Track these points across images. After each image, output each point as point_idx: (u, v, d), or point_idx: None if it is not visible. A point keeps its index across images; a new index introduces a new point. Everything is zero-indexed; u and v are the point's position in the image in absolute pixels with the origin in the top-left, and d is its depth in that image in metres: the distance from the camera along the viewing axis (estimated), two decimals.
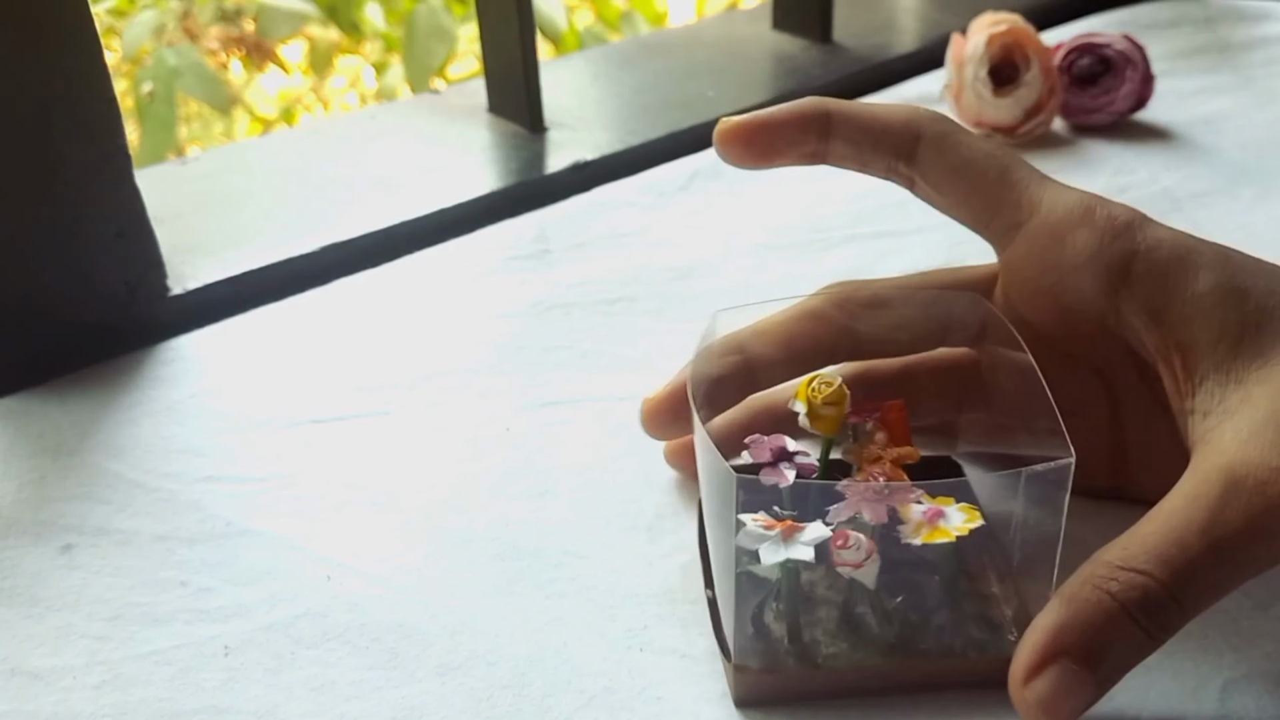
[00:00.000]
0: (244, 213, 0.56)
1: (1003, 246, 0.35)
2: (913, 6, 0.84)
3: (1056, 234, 0.33)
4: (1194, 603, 0.28)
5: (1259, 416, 0.28)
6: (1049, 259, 0.34)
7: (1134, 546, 0.28)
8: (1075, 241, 0.33)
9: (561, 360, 0.46)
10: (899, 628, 0.32)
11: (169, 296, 0.49)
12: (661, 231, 0.56)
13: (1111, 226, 0.33)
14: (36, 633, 0.34)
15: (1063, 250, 0.33)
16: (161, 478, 0.40)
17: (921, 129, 0.35)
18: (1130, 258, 0.32)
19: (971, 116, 0.63)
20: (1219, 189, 0.59)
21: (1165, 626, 0.27)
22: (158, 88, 1.09)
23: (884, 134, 0.35)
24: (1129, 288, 0.32)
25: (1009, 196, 0.34)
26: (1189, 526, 0.27)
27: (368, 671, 0.32)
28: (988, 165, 0.35)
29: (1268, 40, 0.78)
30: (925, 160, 0.35)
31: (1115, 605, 0.27)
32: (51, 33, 0.42)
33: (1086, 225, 0.33)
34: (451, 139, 0.64)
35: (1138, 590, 0.27)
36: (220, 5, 1.30)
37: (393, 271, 0.52)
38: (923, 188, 0.36)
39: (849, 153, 0.36)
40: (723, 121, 0.35)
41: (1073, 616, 0.27)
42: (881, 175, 0.36)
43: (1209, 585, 0.28)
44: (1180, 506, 0.28)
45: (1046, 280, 0.34)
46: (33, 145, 0.43)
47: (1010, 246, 0.35)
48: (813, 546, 0.29)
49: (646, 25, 1.38)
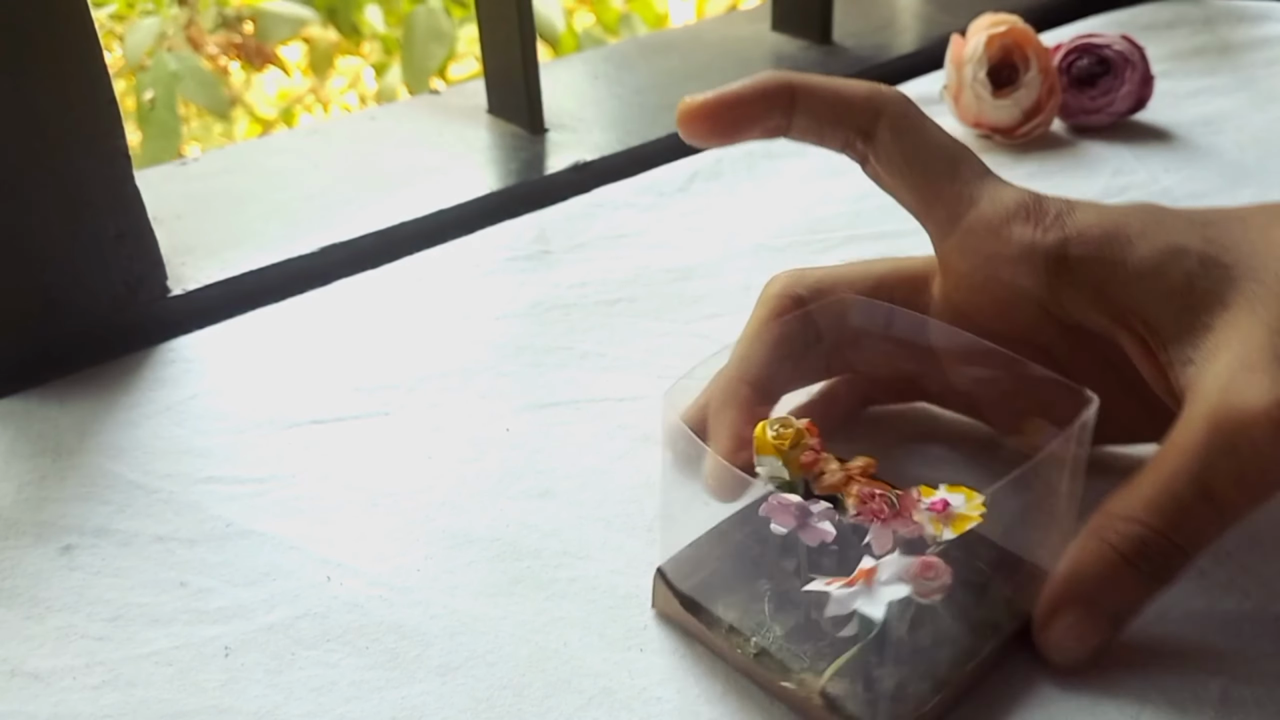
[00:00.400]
0: (244, 213, 0.56)
1: (939, 238, 0.36)
2: (912, 7, 0.84)
3: (991, 229, 0.34)
4: (1194, 545, 0.29)
5: (1234, 361, 0.29)
6: (984, 252, 0.35)
7: (1131, 497, 0.30)
8: (1009, 236, 0.34)
9: (561, 361, 0.46)
10: (978, 617, 0.31)
11: (169, 297, 0.49)
12: (661, 232, 0.56)
13: (1043, 219, 0.34)
14: (36, 633, 0.34)
15: (997, 245, 0.34)
16: (162, 478, 0.40)
17: (882, 108, 0.35)
18: (1064, 244, 0.33)
19: (971, 117, 0.63)
20: (1218, 189, 0.59)
21: (1168, 569, 0.29)
22: (159, 94, 1.10)
23: (846, 109, 0.35)
24: (1069, 273, 0.33)
25: (951, 189, 0.35)
26: (1178, 475, 0.29)
27: (368, 672, 0.32)
28: (938, 156, 0.35)
29: (1267, 41, 0.78)
30: (881, 141, 0.35)
31: (1115, 554, 0.29)
32: (51, 35, 0.42)
33: (1019, 220, 0.34)
34: (451, 140, 0.64)
35: (1135, 539, 0.29)
36: (222, 11, 1.30)
37: (393, 272, 0.52)
38: (873, 167, 0.36)
39: (810, 126, 0.36)
40: (684, 100, 0.35)
41: (1078, 565, 0.30)
42: (837, 149, 0.37)
43: (1205, 529, 0.29)
44: (1171, 456, 0.29)
45: (981, 274, 0.35)
46: (33, 147, 0.43)
47: (946, 239, 0.36)
48: (906, 583, 0.28)
49: (645, 28, 1.38)
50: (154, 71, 1.10)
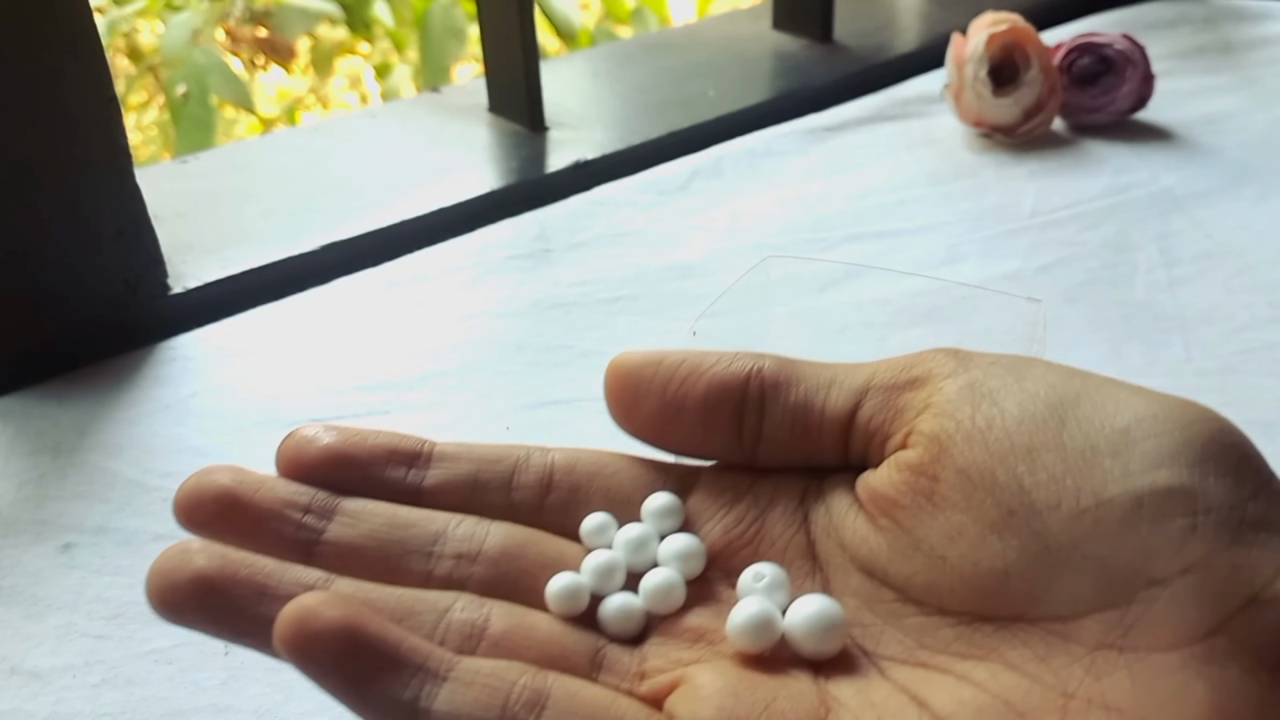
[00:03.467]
0: (244, 212, 0.56)
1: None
2: (913, 6, 0.84)
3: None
4: None
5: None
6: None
7: None
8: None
9: (561, 360, 0.46)
10: None
11: (169, 295, 0.49)
12: (662, 230, 0.55)
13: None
14: (36, 632, 0.34)
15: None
16: (161, 477, 0.40)
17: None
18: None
19: (972, 116, 0.63)
20: (1220, 189, 0.59)
21: None
22: (191, 88, 1.10)
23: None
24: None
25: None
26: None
27: None
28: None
29: (1268, 40, 0.78)
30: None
31: None
32: (52, 32, 0.42)
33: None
34: (452, 138, 0.64)
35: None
36: (250, 6, 1.31)
37: (393, 271, 0.52)
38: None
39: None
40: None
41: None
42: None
43: None
44: None
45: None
46: (33, 144, 0.43)
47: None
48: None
49: (657, 22, 1.38)
50: (185, 68, 1.11)
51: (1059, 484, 0.21)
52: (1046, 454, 0.21)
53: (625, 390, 0.25)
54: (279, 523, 0.23)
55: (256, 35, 1.37)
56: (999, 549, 0.21)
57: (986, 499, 0.21)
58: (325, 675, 0.19)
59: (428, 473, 0.25)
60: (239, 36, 1.36)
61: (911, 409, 0.23)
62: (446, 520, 0.24)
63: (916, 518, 0.22)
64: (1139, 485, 0.20)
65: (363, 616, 0.19)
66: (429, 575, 0.23)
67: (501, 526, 0.24)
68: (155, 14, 1.24)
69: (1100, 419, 0.21)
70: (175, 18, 1.18)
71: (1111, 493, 0.20)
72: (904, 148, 0.63)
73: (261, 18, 1.34)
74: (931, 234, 0.54)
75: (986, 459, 0.21)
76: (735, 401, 0.25)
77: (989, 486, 0.21)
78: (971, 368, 0.23)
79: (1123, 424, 0.21)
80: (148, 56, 1.24)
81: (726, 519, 0.25)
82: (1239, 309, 0.48)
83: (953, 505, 0.22)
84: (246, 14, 1.33)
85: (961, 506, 0.22)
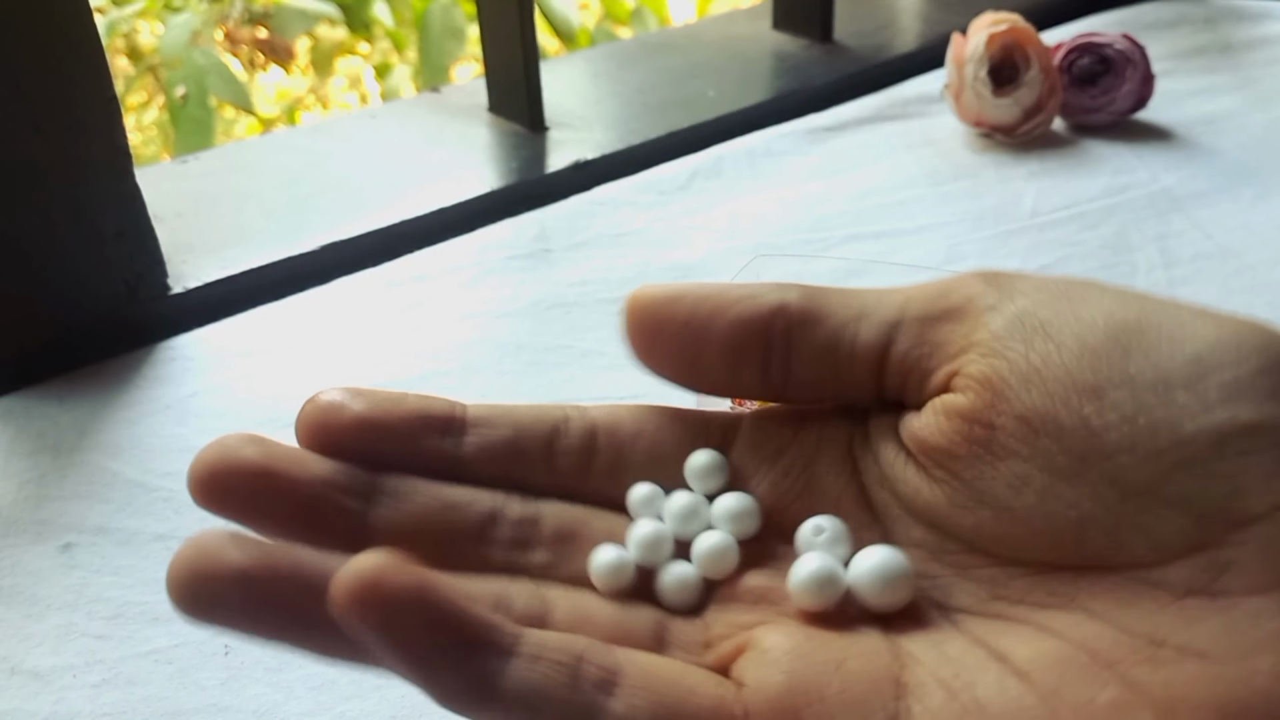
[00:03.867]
0: (244, 212, 0.56)
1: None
2: (913, 6, 0.84)
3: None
4: None
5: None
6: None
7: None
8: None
9: (561, 360, 0.46)
10: None
11: (169, 295, 0.49)
12: (661, 231, 0.56)
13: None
14: (36, 632, 0.34)
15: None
16: (161, 477, 0.40)
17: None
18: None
19: (972, 116, 0.63)
20: (1219, 189, 0.59)
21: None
22: (191, 89, 1.10)
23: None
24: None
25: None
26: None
27: (367, 670, 0.32)
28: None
29: (1268, 40, 0.78)
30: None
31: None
32: (52, 32, 0.42)
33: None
34: (452, 138, 0.64)
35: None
36: (249, 7, 1.31)
37: (393, 271, 0.52)
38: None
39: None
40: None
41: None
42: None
43: None
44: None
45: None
46: (33, 144, 0.43)
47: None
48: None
49: (656, 23, 1.38)
50: (185, 69, 1.11)
51: (1131, 424, 0.19)
52: (1114, 391, 0.19)
53: (645, 327, 0.23)
54: (320, 506, 0.21)
55: (256, 36, 1.37)
56: (1072, 498, 0.19)
57: (1052, 445, 0.19)
58: (396, 644, 0.17)
59: (464, 440, 0.23)
60: (238, 37, 1.37)
61: (952, 344, 0.21)
62: (493, 501, 0.22)
63: (975, 469, 0.20)
64: (1220, 421, 0.18)
65: (435, 580, 0.18)
66: (484, 561, 0.22)
67: (552, 507, 0.23)
68: (155, 15, 1.24)
69: (1168, 348, 0.19)
70: (175, 18, 1.18)
71: (1190, 430, 0.18)
72: (904, 148, 0.63)
73: (261, 18, 1.35)
74: (931, 234, 0.54)
75: (1047, 402, 0.20)
76: (760, 341, 0.23)
77: (1053, 432, 0.19)
78: (1017, 296, 0.21)
79: (1193, 352, 0.19)
80: (147, 57, 1.25)
81: (773, 473, 0.23)
82: (1238, 309, 0.48)
83: (1014, 454, 0.20)
84: (246, 15, 1.33)
85: (1025, 455, 0.20)
